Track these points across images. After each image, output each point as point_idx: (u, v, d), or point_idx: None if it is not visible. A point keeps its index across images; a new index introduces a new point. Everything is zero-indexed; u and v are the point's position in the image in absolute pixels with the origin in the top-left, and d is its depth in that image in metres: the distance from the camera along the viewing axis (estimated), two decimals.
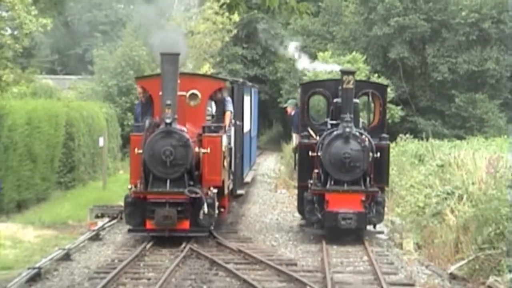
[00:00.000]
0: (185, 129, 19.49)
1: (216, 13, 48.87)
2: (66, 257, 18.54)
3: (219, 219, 21.13)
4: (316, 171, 21.63)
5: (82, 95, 46.37)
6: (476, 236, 18.61)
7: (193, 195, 18.80)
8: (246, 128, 28.12)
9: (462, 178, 23.74)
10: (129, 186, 19.78)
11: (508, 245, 17.32)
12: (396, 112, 48.78)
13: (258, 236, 22.45)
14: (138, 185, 19.49)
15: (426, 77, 55.38)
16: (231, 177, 23.05)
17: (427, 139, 37.63)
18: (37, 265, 16.82)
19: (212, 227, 19.85)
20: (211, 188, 19.49)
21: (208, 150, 19.63)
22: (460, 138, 42.87)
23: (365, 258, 19.36)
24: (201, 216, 18.79)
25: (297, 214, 24.34)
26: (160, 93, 19.89)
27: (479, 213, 19.41)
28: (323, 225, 21.39)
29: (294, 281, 16.58)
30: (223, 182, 20.43)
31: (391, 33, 54.73)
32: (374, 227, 22.23)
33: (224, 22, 49.35)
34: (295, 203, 24.70)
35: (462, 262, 17.94)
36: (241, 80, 28.78)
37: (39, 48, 53.79)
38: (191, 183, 19.29)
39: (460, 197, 21.88)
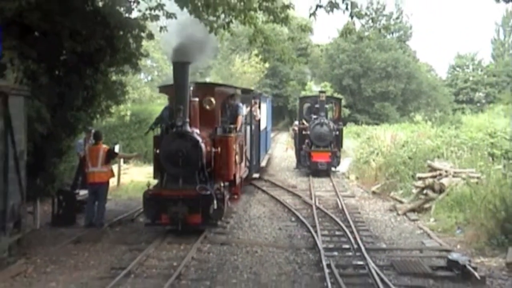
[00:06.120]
0: (197, 131, 11.68)
1: (257, 62, 48.99)
2: None
3: (232, 203, 14.01)
4: (306, 141, 21.60)
5: None
6: (385, 172, 18.72)
7: (203, 192, 11.15)
8: (263, 125, 20.78)
9: (378, 144, 23.72)
10: (147, 183, 11.89)
11: (400, 177, 17.39)
12: (346, 112, 48.39)
13: (277, 173, 22.48)
14: (157, 182, 12.11)
15: (360, 94, 54.79)
16: (247, 164, 16.03)
17: (361, 125, 37.70)
18: None
19: (222, 218, 12.15)
20: (221, 184, 11.76)
21: (219, 150, 12.04)
22: (377, 124, 42.54)
23: (331, 184, 19.42)
24: (211, 211, 11.17)
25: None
26: None
27: (386, 161, 19.50)
28: (310, 168, 21.41)
29: (295, 195, 16.70)
30: (234, 175, 12.96)
31: (343, 72, 54.43)
32: (335, 168, 22.23)
33: (261, 67, 49.38)
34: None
35: (378, 185, 18.00)
36: (258, 91, 23.24)
37: (170, 80, 54.01)
38: (203, 179, 11.48)
39: (377, 153, 21.87)
